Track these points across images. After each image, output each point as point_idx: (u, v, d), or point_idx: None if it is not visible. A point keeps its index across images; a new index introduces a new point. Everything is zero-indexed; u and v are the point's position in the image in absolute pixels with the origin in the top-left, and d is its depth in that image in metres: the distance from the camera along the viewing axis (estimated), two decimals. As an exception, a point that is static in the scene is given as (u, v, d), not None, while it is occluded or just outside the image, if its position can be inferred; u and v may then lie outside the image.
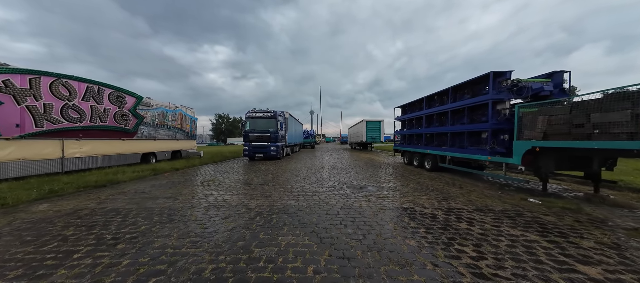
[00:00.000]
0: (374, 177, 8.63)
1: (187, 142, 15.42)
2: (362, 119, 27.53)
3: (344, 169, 10.67)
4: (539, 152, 5.52)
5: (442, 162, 9.45)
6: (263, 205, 4.93)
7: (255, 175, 8.85)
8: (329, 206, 4.86)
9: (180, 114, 14.64)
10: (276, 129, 14.82)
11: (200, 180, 7.77)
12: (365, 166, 11.91)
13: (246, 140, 14.62)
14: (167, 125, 13.46)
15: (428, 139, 10.79)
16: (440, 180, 7.89)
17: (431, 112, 10.29)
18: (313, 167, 11.30)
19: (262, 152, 14.56)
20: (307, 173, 9.43)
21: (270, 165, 12.34)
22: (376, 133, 26.87)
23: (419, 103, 11.92)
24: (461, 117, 8.63)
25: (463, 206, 4.91)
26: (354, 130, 33.12)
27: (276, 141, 14.82)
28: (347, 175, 9.01)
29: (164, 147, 13.22)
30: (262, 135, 14.61)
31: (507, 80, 6.81)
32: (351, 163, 13.36)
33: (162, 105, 13.35)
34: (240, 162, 14.10)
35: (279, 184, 7.11)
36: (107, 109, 10.00)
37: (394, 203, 5.10)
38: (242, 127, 14.78)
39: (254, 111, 15.07)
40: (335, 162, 14.04)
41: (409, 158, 12.29)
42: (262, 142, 14.61)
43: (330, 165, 12.15)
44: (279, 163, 12.93)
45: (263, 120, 14.92)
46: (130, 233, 3.52)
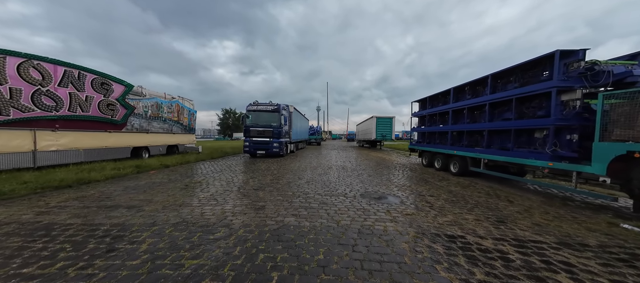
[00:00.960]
0: (391, 181, 7.16)
1: (185, 136, 14.37)
2: (372, 115, 25.87)
3: (354, 170, 9.25)
4: (638, 160, 3.92)
5: (474, 165, 7.85)
6: (251, 223, 3.61)
7: (252, 176, 7.57)
8: (341, 229, 3.48)
9: (178, 105, 13.56)
10: (279, 123, 13.51)
11: (186, 182, 6.56)
12: (378, 167, 10.45)
13: (247, 135, 13.40)
14: (161, 118, 12.39)
15: (455, 137, 9.18)
16: (475, 189, 6.35)
17: (460, 106, 8.65)
18: (319, 167, 9.94)
19: (264, 149, 13.32)
20: (313, 175, 8.07)
21: (271, 163, 11.07)
22: (387, 130, 25.17)
23: (443, 96, 10.26)
24: (504, 112, 6.99)
25: (536, 235, 3.40)
26: (363, 127, 31.47)
27: (279, 137, 13.53)
28: (359, 178, 7.58)
29: (158, 141, 12.18)
30: (264, 130, 13.34)
31: (579, 62, 5.14)
32: (361, 163, 11.91)
33: (156, 95, 12.27)
34: (240, 159, 12.91)
35: (278, 190, 5.79)
36: (90, 97, 8.94)
37: (431, 225, 3.66)
38: (243, 121, 13.56)
39: (256, 103, 13.80)
40: (344, 161, 12.62)
41: (429, 160, 10.71)
42: (264, 138, 13.35)
43: (339, 165, 10.75)
44: (282, 162, 11.64)
45: (265, 113, 13.63)
46: (32, 277, 2.26)
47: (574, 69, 5.18)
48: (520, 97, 6.20)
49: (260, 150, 13.32)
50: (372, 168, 10.17)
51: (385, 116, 25.36)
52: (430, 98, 11.12)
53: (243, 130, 13.54)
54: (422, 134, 12.12)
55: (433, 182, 7.22)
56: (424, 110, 11.74)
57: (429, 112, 11.02)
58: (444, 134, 9.98)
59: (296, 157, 14.59)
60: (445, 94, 10.01)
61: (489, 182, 7.39)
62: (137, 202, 4.59)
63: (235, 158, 13.28)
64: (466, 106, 8.32)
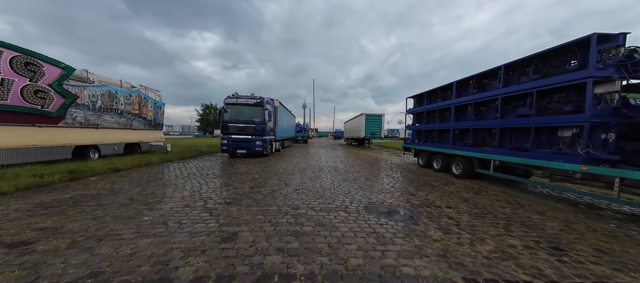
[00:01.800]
0: (394, 187, 6.12)
1: (150, 132, 12.27)
2: (361, 112, 25.07)
3: (348, 173, 8.11)
4: None
5: (481, 166, 7.08)
6: (209, 274, 2.26)
7: (227, 183, 6.11)
8: (353, 278, 2.26)
9: (139, 96, 11.43)
10: (263, 119, 11.98)
11: (133, 194, 4.94)
12: (373, 168, 9.43)
13: (225, 131, 11.70)
14: (117, 110, 10.27)
15: (457, 136, 8.41)
16: (490, 195, 5.51)
17: (465, 101, 7.85)
18: (309, 169, 8.67)
19: (245, 148, 11.72)
20: (302, 179, 6.79)
21: (253, 164, 9.58)
22: (376, 128, 24.52)
23: (443, 91, 9.47)
24: (518, 107, 6.22)
25: (618, 272, 2.45)
26: (351, 124, 30.67)
27: (263, 134, 12.01)
28: (357, 183, 6.45)
29: (111, 139, 10.08)
30: (246, 127, 11.74)
31: (617, 48, 4.39)
32: (354, 163, 10.84)
33: (109, 82, 10.13)
34: (217, 159, 11.21)
35: (258, 203, 4.44)
36: (9, 80, 6.80)
37: (477, 261, 2.58)
38: (220, 116, 11.81)
39: (236, 96, 12.11)
40: (335, 161, 11.47)
41: (427, 160, 9.92)
42: (245, 135, 11.75)
43: (331, 166, 9.56)
44: (266, 163, 10.19)
45: (247, 107, 12.00)
46: None
47: (611, 56, 4.42)
48: (543, 90, 5.41)
49: (240, 149, 11.71)
50: (367, 169, 9.12)
51: (374, 114, 24.68)
52: (428, 93, 10.30)
53: (220, 127, 11.80)
54: (418, 132, 11.34)
55: (439, 187, 6.30)
56: (420, 107, 10.93)
57: (426, 108, 10.20)
58: (444, 132, 9.20)
59: (282, 156, 13.16)
60: (446, 88, 9.22)
61: (498, 186, 6.65)
62: (36, 232, 3.00)
63: (211, 158, 11.54)
64: (472, 101, 7.51)
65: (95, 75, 9.57)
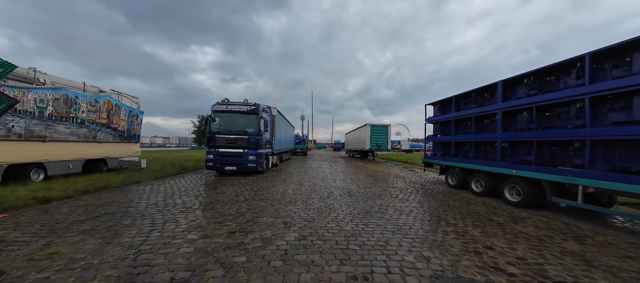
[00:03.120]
0: (447, 229, 4.08)
1: (121, 145, 10.22)
2: (366, 122, 23.32)
3: (368, 199, 6.09)
4: None
5: (557, 193, 5.12)
6: None
7: (197, 225, 4.04)
8: None
9: (108, 102, 9.50)
10: (258, 129, 10.05)
11: (34, 248, 2.88)
12: (394, 190, 7.40)
13: (211, 144, 9.70)
14: (76, 118, 8.29)
15: (507, 150, 6.51)
16: (608, 246, 3.51)
17: (520, 105, 6.02)
18: (315, 193, 6.62)
19: (235, 164, 9.68)
20: (308, 213, 4.74)
21: (243, 186, 7.52)
22: (382, 140, 22.67)
23: (479, 94, 7.69)
24: (618, 110, 4.37)
25: None
26: (354, 135, 28.86)
27: (258, 147, 10.04)
28: (389, 220, 4.42)
29: (65, 154, 8.01)
30: (237, 139, 9.77)
31: None
32: (367, 182, 8.81)
33: (68, 84, 8.24)
34: (199, 179, 9.12)
35: (236, 280, 2.39)
36: None
37: None
38: (207, 125, 9.87)
39: (226, 102, 10.24)
40: (344, 179, 9.43)
41: (461, 179, 7.94)
42: (236, 149, 9.75)
43: (341, 188, 7.52)
44: (259, 184, 8.13)
45: (239, 115, 10.11)
46: None
47: None
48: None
49: (229, 166, 9.65)
50: (388, 192, 7.09)
51: (380, 124, 22.94)
52: (459, 98, 8.52)
53: (206, 138, 9.82)
54: (444, 144, 9.44)
55: (509, 227, 4.30)
56: (446, 114, 9.11)
57: (457, 116, 8.36)
58: (484, 145, 7.31)
59: (280, 173, 11.11)
60: (484, 91, 7.44)
61: (573, 219, 4.66)
62: None
63: (192, 178, 9.45)
64: (533, 105, 5.67)
65: (47, 76, 7.70)
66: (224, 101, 10.15)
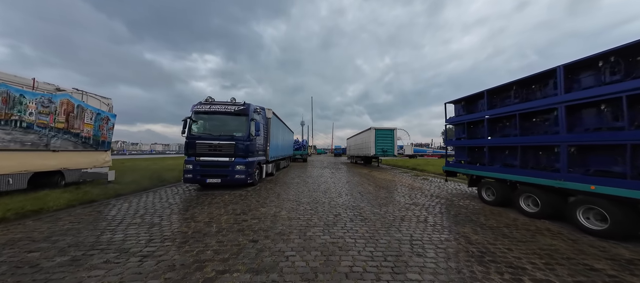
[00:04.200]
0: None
1: (84, 154, 8.59)
2: (370, 126, 21.73)
3: (391, 226, 4.40)
4: None
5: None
6: None
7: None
8: None
9: (67, 102, 7.92)
10: (248, 133, 8.43)
11: None
12: (420, 210, 5.70)
13: (190, 152, 8.07)
14: (20, 122, 6.70)
15: (575, 157, 4.86)
16: None
17: (598, 96, 4.40)
18: (316, 216, 4.94)
19: (219, 175, 8.01)
20: (309, 265, 3.07)
21: (223, 207, 5.84)
22: (388, 145, 21.02)
23: (525, 85, 6.10)
24: None
25: None
26: (357, 140, 27.23)
27: (247, 155, 8.40)
28: (436, 277, 2.75)
29: (1, 166, 6.38)
30: (222, 145, 8.14)
31: None
32: (380, 195, 7.09)
33: (10, 80, 6.69)
34: (171, 196, 7.44)
35: None
36: None
37: None
38: (186, 129, 8.25)
39: (210, 101, 8.65)
40: (351, 192, 7.72)
41: (500, 194, 6.27)
42: (221, 157, 8.12)
43: (349, 206, 5.82)
44: (246, 202, 6.46)
45: (225, 117, 8.52)
46: None
47: None
48: None
49: (212, 178, 7.98)
50: (411, 211, 5.40)
51: (385, 128, 21.33)
52: (492, 93, 6.93)
53: (185, 144, 8.19)
54: (471, 149, 7.80)
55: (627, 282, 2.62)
56: (477, 113, 7.50)
57: (492, 114, 6.74)
58: (534, 150, 5.68)
59: (275, 185, 9.43)
60: (531, 82, 5.86)
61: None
62: None
63: (166, 193, 7.78)
64: (623, 94, 4.05)
65: (-20, 68, 6.15)
66: (207, 100, 8.57)
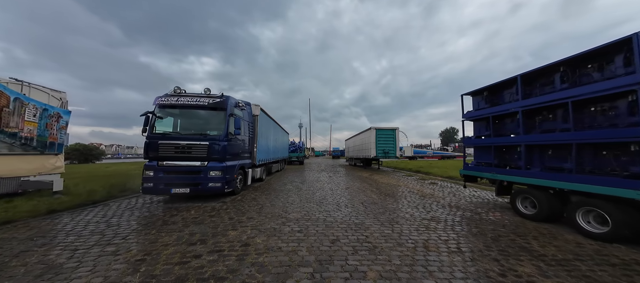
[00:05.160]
0: None
1: (24, 159, 6.99)
2: (370, 126, 20.31)
3: (415, 264, 2.93)
4: None
5: None
6: None
7: None
8: None
9: (0, 95, 6.36)
10: (226, 132, 6.92)
11: None
12: (443, 228, 4.22)
13: (152, 154, 6.52)
14: None
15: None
16: None
17: None
18: (305, 241, 3.45)
19: (189, 184, 6.46)
20: None
21: (178, 230, 4.33)
22: (390, 146, 19.60)
23: (578, 64, 4.71)
24: None
25: None
26: (356, 141, 25.81)
27: (225, 157, 6.89)
28: None
29: None
30: (192, 146, 6.61)
31: None
32: (393, 213, 5.60)
33: None
34: (122, 213, 5.89)
35: None
36: None
37: None
38: (147, 127, 6.71)
39: (178, 92, 7.12)
40: (352, 202, 6.22)
41: (547, 207, 4.82)
42: (191, 161, 6.59)
43: (353, 227, 4.31)
44: (215, 221, 4.95)
45: (198, 112, 7.01)
46: None
47: None
48: None
49: (179, 187, 6.43)
50: (447, 242, 3.93)
51: (386, 127, 19.92)
52: (528, 78, 5.53)
53: (144, 145, 6.64)
54: (499, 149, 6.37)
55: None
56: (506, 104, 6.09)
57: (528, 105, 5.32)
58: (595, 149, 4.27)
59: (262, 193, 7.92)
60: (588, 59, 4.46)
61: None
62: None
63: (118, 208, 6.23)
64: None
65: None
66: (174, 91, 7.04)
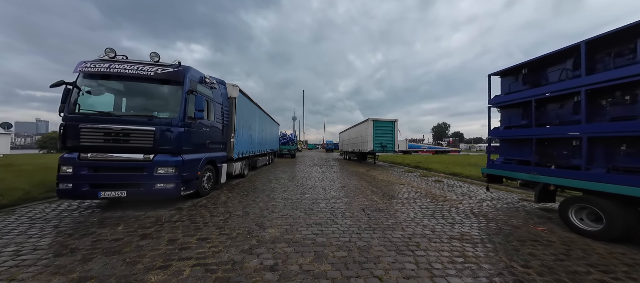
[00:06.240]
0: None
1: None
2: (367, 117, 18.69)
3: None
4: None
5: None
6: None
7: None
8: None
9: None
10: (184, 115, 5.03)
11: None
12: (481, 252, 2.63)
13: (71, 142, 4.59)
14: None
15: None
16: None
17: None
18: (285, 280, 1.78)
19: (125, 185, 4.57)
20: None
21: (71, 270, 2.54)
22: (388, 139, 18.10)
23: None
24: None
25: None
26: (351, 134, 24.20)
27: (181, 149, 5.03)
28: None
29: None
30: (129, 131, 4.68)
31: None
32: (403, 223, 3.96)
33: None
34: (18, 229, 3.98)
35: None
36: None
37: None
38: (67, 103, 4.73)
39: (111, 57, 5.08)
40: (349, 208, 4.51)
41: (621, 222, 3.33)
42: (130, 153, 4.69)
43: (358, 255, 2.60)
44: (147, 247, 3.16)
45: (140, 85, 5.06)
46: None
47: None
48: None
49: (110, 190, 4.53)
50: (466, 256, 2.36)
51: (385, 119, 18.36)
52: (593, 44, 3.93)
53: (60, 130, 4.67)
54: (540, 143, 4.82)
55: None
56: (560, 83, 4.50)
57: (600, 81, 3.74)
58: None
59: (237, 195, 6.16)
60: None
61: None
62: None
63: (20, 219, 4.31)
64: None
65: None
66: (106, 54, 5.00)
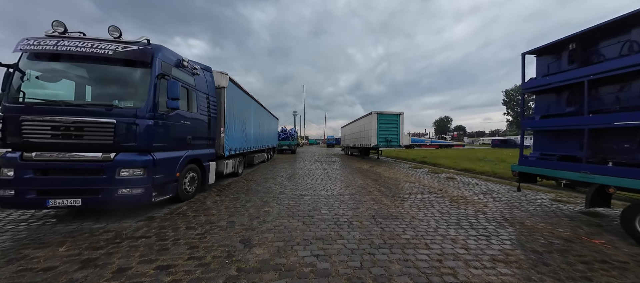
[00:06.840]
0: None
1: None
2: (371, 111, 17.67)
3: None
4: None
5: None
6: None
7: None
8: None
9: None
10: (153, 103, 4.11)
11: None
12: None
13: (11, 138, 3.70)
14: None
15: None
16: None
17: None
18: None
19: (80, 191, 3.70)
20: None
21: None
22: (393, 133, 17.12)
23: None
24: None
25: None
26: (354, 128, 23.21)
27: (151, 145, 4.13)
28: None
29: None
30: (84, 125, 3.78)
31: None
32: (438, 243, 3.03)
33: None
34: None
35: None
36: None
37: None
38: (6, 91, 3.83)
39: (61, 33, 4.12)
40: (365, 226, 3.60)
41: None
42: (84, 151, 3.79)
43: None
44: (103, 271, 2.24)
45: (99, 67, 4.12)
46: None
47: None
48: None
49: (62, 198, 3.65)
50: None
51: (390, 112, 17.33)
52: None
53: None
54: (594, 134, 3.86)
55: None
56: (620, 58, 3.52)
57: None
58: None
59: (226, 198, 5.30)
60: None
61: None
62: None
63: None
64: None
65: None
66: (53, 27, 4.03)
